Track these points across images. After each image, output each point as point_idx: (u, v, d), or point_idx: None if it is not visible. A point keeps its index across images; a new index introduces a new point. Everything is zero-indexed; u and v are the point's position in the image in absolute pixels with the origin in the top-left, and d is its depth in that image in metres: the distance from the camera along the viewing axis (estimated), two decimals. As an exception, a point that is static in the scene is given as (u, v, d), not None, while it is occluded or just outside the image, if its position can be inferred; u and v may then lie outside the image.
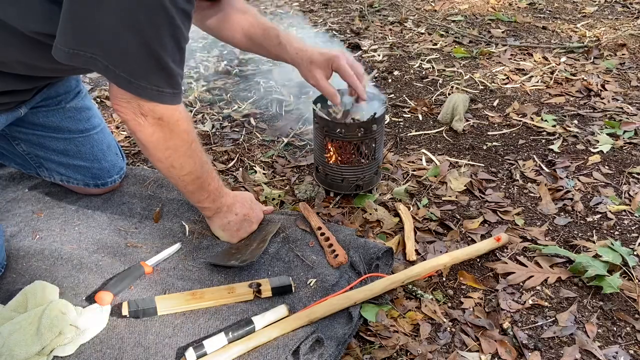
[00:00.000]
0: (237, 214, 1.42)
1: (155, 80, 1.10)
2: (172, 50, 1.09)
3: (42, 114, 1.48)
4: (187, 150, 1.24)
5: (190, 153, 1.25)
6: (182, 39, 1.10)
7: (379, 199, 1.66)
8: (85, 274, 1.32)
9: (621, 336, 1.21)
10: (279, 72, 2.55)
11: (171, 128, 1.18)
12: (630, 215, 1.58)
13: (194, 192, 1.33)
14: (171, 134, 1.19)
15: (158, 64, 1.08)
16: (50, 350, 1.12)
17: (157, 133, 1.17)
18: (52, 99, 1.49)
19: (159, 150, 1.21)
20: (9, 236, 1.46)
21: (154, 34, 1.04)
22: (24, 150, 1.55)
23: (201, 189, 1.33)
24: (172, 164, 1.24)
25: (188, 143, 1.23)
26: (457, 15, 3.28)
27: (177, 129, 1.19)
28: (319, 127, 1.57)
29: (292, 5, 3.59)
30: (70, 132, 1.53)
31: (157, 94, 1.12)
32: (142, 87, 1.09)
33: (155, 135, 1.18)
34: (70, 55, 1.05)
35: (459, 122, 2.04)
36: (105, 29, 1.02)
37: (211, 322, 1.19)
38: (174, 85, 1.14)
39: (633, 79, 2.41)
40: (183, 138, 1.22)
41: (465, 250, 1.41)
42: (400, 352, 1.17)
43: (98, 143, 1.58)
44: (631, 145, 1.92)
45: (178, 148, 1.22)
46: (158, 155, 1.22)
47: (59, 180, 1.60)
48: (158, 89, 1.11)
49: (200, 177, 1.30)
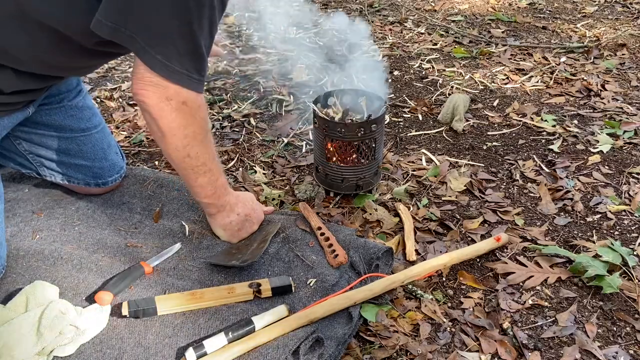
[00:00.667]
0: (239, 214, 1.42)
1: (187, 64, 1.12)
2: (207, 35, 1.11)
3: (45, 112, 1.48)
4: (204, 138, 1.25)
5: (207, 142, 1.26)
6: (215, 26, 1.13)
7: (379, 199, 1.66)
8: (85, 274, 1.32)
9: (621, 336, 1.21)
10: (279, 72, 2.56)
11: (193, 114, 1.19)
12: (630, 215, 1.58)
13: (204, 186, 1.32)
14: (192, 120, 1.20)
15: (193, 47, 1.10)
16: (50, 350, 1.12)
17: (178, 119, 1.18)
18: (54, 97, 1.49)
19: (177, 138, 1.20)
20: (9, 236, 1.46)
21: (196, 15, 1.06)
22: (25, 150, 1.55)
23: (210, 183, 1.33)
24: (188, 153, 1.24)
25: (206, 131, 1.25)
26: (457, 15, 3.28)
27: (198, 115, 1.20)
28: (319, 127, 1.57)
29: (292, 5, 3.59)
30: (72, 131, 1.53)
31: (187, 78, 1.13)
32: (174, 69, 1.11)
33: (177, 121, 1.18)
34: (111, 30, 1.07)
35: (459, 122, 2.04)
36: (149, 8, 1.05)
37: (211, 322, 1.19)
38: (202, 71, 1.16)
39: (633, 79, 2.41)
40: (202, 125, 1.23)
41: (465, 250, 1.41)
42: (400, 352, 1.17)
43: (99, 142, 1.58)
44: (631, 145, 1.92)
45: (196, 135, 1.22)
46: (176, 144, 1.22)
47: (59, 179, 1.60)
48: (188, 74, 1.13)
49: (212, 170, 1.31)
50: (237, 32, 3.14)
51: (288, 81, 2.47)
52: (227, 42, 2.96)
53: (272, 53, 2.83)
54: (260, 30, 3.16)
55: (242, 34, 3.10)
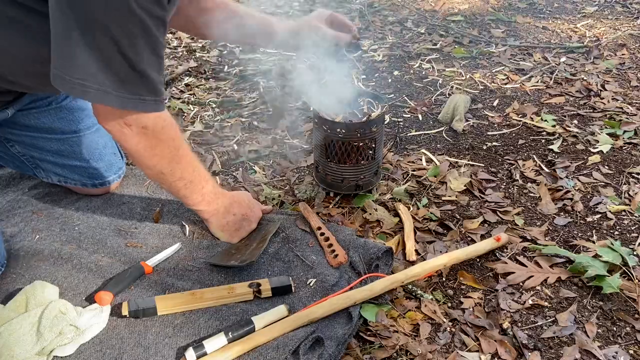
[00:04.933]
0: (235, 214, 1.42)
1: (136, 90, 1.10)
2: (149, 58, 1.08)
3: (33, 115, 1.47)
4: (175, 156, 1.25)
5: (179, 159, 1.26)
6: (158, 46, 1.10)
7: (379, 199, 1.66)
8: (85, 274, 1.33)
9: (621, 336, 1.21)
10: (279, 72, 2.56)
11: (156, 136, 1.19)
12: (630, 215, 1.58)
13: (188, 196, 1.34)
14: (157, 142, 1.20)
15: (136, 74, 1.08)
16: (50, 350, 1.12)
17: (142, 142, 1.18)
18: (42, 100, 1.48)
19: (146, 158, 1.22)
20: (9, 236, 1.46)
21: (129, 45, 1.04)
22: (18, 152, 1.54)
23: (194, 192, 1.33)
24: (161, 170, 1.25)
25: (175, 149, 1.24)
26: (457, 15, 3.28)
27: (163, 136, 1.20)
28: (319, 127, 1.57)
29: (292, 5, 3.59)
30: (62, 133, 1.52)
31: (140, 103, 1.12)
32: (123, 97, 1.09)
33: (142, 144, 1.18)
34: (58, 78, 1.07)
35: (459, 122, 2.04)
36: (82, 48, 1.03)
37: (211, 322, 1.19)
38: (155, 92, 1.13)
39: (633, 79, 2.41)
40: (169, 145, 1.22)
41: (465, 250, 1.41)
42: (400, 352, 1.17)
43: (93, 143, 1.57)
44: (631, 145, 1.92)
45: (165, 155, 1.23)
46: (146, 163, 1.23)
47: (56, 180, 1.60)
48: (140, 98, 1.11)
49: (193, 181, 1.31)
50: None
51: (288, 81, 2.47)
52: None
53: (272, 53, 2.83)
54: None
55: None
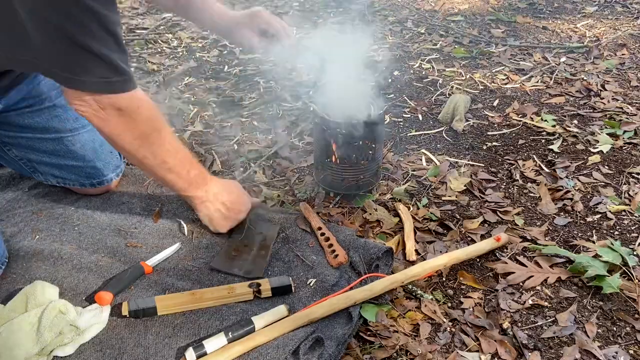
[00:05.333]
0: (224, 202, 1.41)
1: (99, 72, 1.09)
2: (103, 37, 1.07)
3: (27, 115, 1.46)
4: (157, 138, 1.23)
5: (161, 141, 1.24)
6: (109, 24, 1.08)
7: (379, 199, 1.66)
8: (85, 274, 1.32)
9: (621, 336, 1.21)
10: (278, 72, 2.56)
11: (133, 117, 1.18)
12: (630, 215, 1.58)
13: (174, 181, 1.32)
14: (135, 123, 1.18)
15: (93, 56, 1.07)
16: (50, 350, 1.12)
17: (120, 125, 1.17)
18: (35, 98, 1.46)
19: (127, 142, 1.20)
20: (9, 236, 1.46)
21: (76, 29, 1.03)
22: (16, 156, 1.53)
23: (180, 177, 1.32)
24: (144, 154, 1.23)
25: (156, 130, 1.23)
26: (457, 15, 3.28)
27: (140, 116, 1.19)
28: (319, 127, 1.57)
29: (292, 5, 3.59)
30: (57, 132, 1.51)
31: (106, 84, 1.11)
32: (88, 81, 1.09)
33: (120, 127, 1.17)
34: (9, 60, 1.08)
35: (459, 122, 2.04)
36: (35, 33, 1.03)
37: (211, 322, 1.19)
38: (119, 71, 1.11)
39: (633, 79, 2.41)
40: (149, 125, 1.21)
41: (465, 250, 1.41)
42: (400, 352, 1.17)
43: (89, 142, 1.55)
44: (631, 145, 1.92)
45: (146, 136, 1.21)
46: (127, 147, 1.22)
47: (54, 182, 1.59)
48: (105, 79, 1.10)
49: (177, 165, 1.30)
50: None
51: (288, 81, 2.47)
52: (227, 42, 2.96)
53: (272, 53, 2.82)
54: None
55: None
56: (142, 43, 2.97)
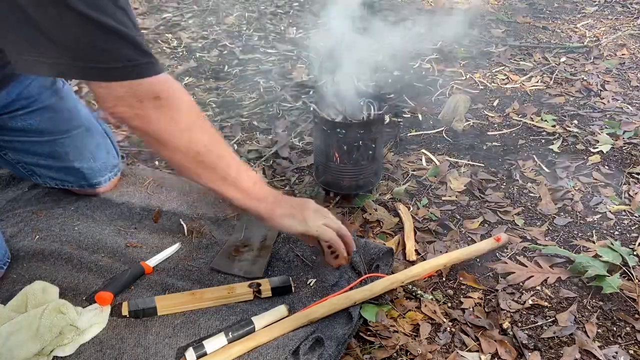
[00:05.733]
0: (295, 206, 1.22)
1: (123, 54, 0.97)
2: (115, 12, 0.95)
3: (20, 118, 1.44)
4: (203, 124, 1.09)
5: (208, 127, 1.10)
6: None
7: (379, 199, 1.66)
8: (85, 274, 1.32)
9: (621, 336, 1.21)
10: (279, 72, 2.55)
11: (174, 104, 1.05)
12: (630, 215, 1.58)
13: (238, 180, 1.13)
14: (178, 112, 1.05)
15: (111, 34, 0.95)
16: (50, 350, 1.12)
17: (163, 116, 1.04)
18: (26, 99, 1.43)
19: (176, 137, 1.06)
20: (9, 236, 1.46)
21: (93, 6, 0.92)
22: (12, 159, 1.52)
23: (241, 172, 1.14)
24: (197, 150, 1.07)
25: (200, 116, 1.09)
26: (457, 15, 3.28)
27: (182, 103, 1.06)
28: (319, 127, 1.57)
29: (292, 5, 3.59)
30: (51, 134, 1.48)
31: (135, 68, 0.99)
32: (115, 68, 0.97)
33: (163, 120, 1.04)
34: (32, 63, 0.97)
35: (459, 122, 2.05)
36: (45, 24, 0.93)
37: (211, 322, 1.19)
38: (144, 51, 1.00)
39: (633, 79, 2.41)
40: (193, 112, 1.08)
41: (465, 250, 1.41)
42: (400, 352, 1.17)
43: (84, 143, 1.53)
44: (631, 145, 1.92)
45: (193, 125, 1.07)
46: (177, 144, 1.06)
47: (53, 184, 1.58)
48: (132, 63, 0.98)
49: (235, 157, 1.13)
50: (237, 32, 3.14)
51: (288, 81, 2.47)
52: (227, 42, 2.96)
53: (272, 53, 2.83)
54: (260, 30, 3.16)
55: (242, 34, 3.10)
56: (142, 43, 2.97)
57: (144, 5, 3.56)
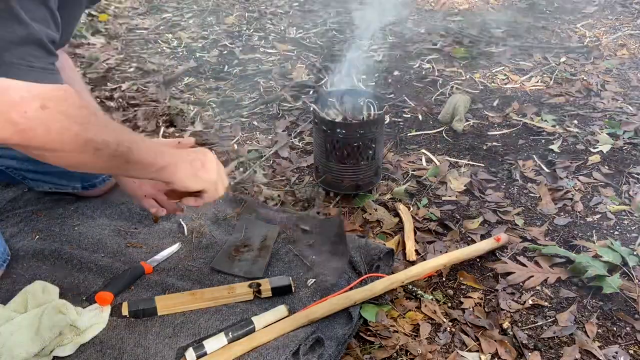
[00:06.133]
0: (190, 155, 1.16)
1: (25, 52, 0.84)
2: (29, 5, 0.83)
3: None
4: (96, 121, 0.95)
5: (101, 124, 0.97)
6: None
7: (379, 199, 1.66)
8: (85, 274, 1.32)
9: (621, 336, 1.21)
10: (279, 72, 2.55)
11: (65, 110, 0.90)
12: (630, 215, 1.58)
13: (141, 157, 1.04)
14: (67, 120, 0.90)
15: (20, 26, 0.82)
16: (51, 350, 1.12)
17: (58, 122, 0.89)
18: None
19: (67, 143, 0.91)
20: (9, 236, 1.46)
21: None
22: (1, 165, 1.52)
23: (141, 149, 1.04)
24: (94, 146, 0.94)
25: (91, 116, 0.94)
26: (457, 15, 3.28)
27: (72, 108, 0.91)
28: (319, 127, 1.57)
29: (292, 5, 3.59)
30: None
31: (28, 71, 0.85)
32: (10, 63, 0.82)
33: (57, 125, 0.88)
34: None
35: (459, 122, 2.04)
36: None
37: (211, 322, 1.19)
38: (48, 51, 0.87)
39: (633, 79, 2.41)
40: (83, 115, 0.93)
41: (465, 250, 1.41)
42: (400, 352, 1.17)
43: None
44: (631, 145, 1.92)
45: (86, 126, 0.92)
46: (72, 147, 0.92)
47: (47, 188, 1.56)
48: (28, 64, 0.84)
49: (131, 140, 1.02)
50: (237, 32, 3.14)
51: (288, 81, 2.47)
52: (227, 42, 2.96)
53: (272, 53, 2.83)
54: (260, 30, 3.16)
55: (242, 34, 3.10)
56: (142, 43, 2.97)
57: (144, 5, 3.56)
